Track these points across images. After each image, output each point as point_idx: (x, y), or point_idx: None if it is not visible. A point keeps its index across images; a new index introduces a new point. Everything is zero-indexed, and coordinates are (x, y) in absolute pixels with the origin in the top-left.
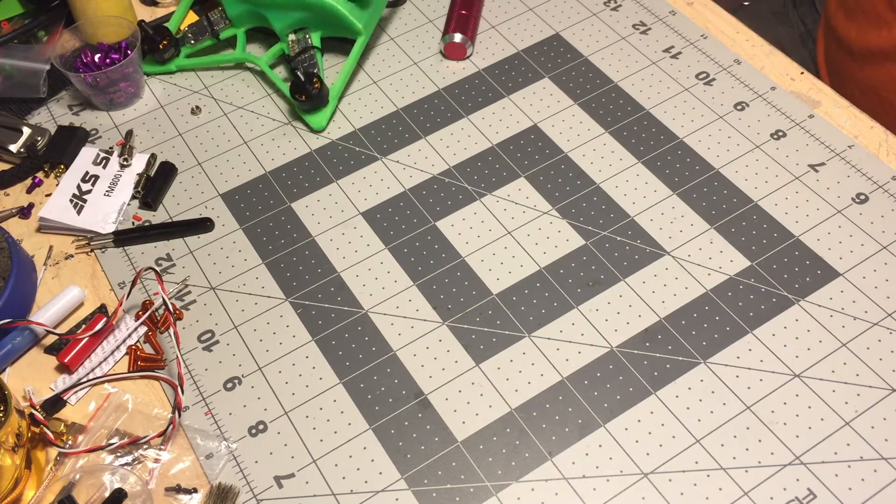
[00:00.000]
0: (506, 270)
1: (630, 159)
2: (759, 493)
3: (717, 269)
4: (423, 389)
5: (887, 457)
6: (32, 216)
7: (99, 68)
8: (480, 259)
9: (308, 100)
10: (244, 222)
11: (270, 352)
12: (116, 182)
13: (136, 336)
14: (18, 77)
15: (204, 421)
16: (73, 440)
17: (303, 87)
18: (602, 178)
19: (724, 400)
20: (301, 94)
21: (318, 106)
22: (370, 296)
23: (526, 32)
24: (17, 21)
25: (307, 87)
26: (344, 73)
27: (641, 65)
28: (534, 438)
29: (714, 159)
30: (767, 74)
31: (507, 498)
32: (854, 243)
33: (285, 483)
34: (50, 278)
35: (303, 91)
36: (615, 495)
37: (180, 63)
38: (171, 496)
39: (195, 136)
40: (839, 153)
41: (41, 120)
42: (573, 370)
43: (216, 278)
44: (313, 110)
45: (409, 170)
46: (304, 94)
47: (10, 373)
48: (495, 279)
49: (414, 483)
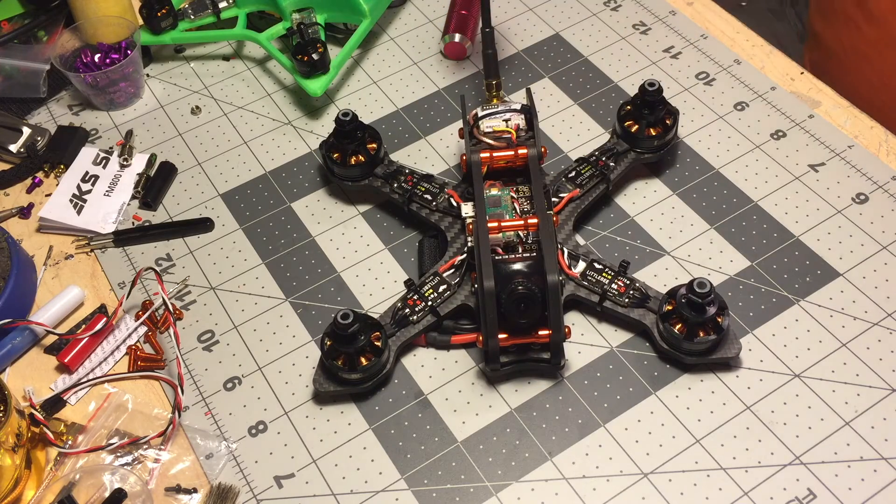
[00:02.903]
0: None
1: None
2: (759, 493)
3: (717, 269)
4: (423, 389)
5: (887, 457)
6: (32, 216)
7: (99, 68)
8: None
9: (309, 62)
10: (244, 222)
11: (270, 352)
12: (116, 182)
13: (136, 336)
14: (18, 77)
15: (204, 421)
16: (73, 440)
17: (305, 48)
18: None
19: (724, 400)
20: (302, 56)
21: (317, 70)
22: (370, 296)
23: (526, 32)
24: (17, 21)
25: (309, 49)
26: (346, 49)
27: (641, 65)
28: (534, 438)
29: (714, 159)
30: (767, 74)
31: (507, 498)
32: (854, 243)
33: (285, 483)
34: (50, 278)
35: (304, 52)
36: (615, 495)
37: (176, 36)
38: (171, 496)
39: (195, 136)
40: (839, 153)
41: (41, 120)
42: (573, 370)
43: (216, 278)
44: (313, 75)
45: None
46: (306, 56)
47: (10, 373)
48: None
49: (414, 483)
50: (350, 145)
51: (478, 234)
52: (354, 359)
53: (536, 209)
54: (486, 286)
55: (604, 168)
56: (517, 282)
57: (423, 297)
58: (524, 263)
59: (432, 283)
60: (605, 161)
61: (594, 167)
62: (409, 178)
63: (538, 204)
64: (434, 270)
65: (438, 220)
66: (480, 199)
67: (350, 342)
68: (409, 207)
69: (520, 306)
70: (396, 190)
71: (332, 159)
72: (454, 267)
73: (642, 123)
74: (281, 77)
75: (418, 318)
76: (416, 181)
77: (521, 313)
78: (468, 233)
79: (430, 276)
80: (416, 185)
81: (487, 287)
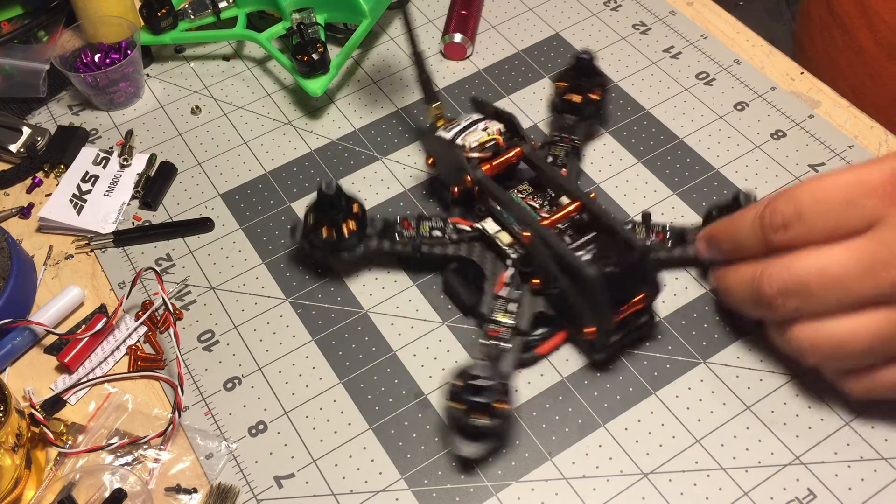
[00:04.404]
0: None
1: (630, 159)
2: (759, 492)
3: None
4: (423, 389)
5: (887, 457)
6: (32, 216)
7: (99, 68)
8: None
9: (309, 62)
10: (244, 222)
11: (270, 352)
12: (116, 182)
13: (136, 336)
14: (18, 77)
15: (204, 421)
16: (73, 440)
17: (305, 48)
18: (602, 177)
19: (724, 400)
20: (302, 56)
21: (317, 70)
22: (370, 296)
23: (526, 32)
24: (17, 21)
25: (309, 49)
26: (346, 49)
27: (641, 65)
28: (534, 438)
29: (714, 159)
30: (767, 74)
31: (507, 498)
32: None
33: (285, 483)
34: (50, 278)
35: (304, 52)
36: (615, 495)
37: (176, 36)
38: (171, 496)
39: (195, 136)
40: (839, 153)
41: (41, 120)
42: (573, 370)
43: (216, 278)
44: (313, 75)
45: (409, 170)
46: (306, 56)
47: (10, 373)
48: None
49: (414, 483)
50: (338, 215)
51: (538, 235)
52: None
53: (572, 191)
54: (588, 273)
55: (572, 143)
56: (603, 262)
57: (502, 325)
58: (593, 245)
59: (501, 308)
60: (570, 138)
61: (565, 145)
62: (405, 224)
63: (571, 187)
64: (491, 295)
65: (455, 250)
66: (511, 203)
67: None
68: (420, 253)
69: (619, 281)
70: (399, 242)
71: (320, 237)
72: (506, 284)
73: (583, 92)
74: (281, 77)
75: (511, 343)
76: (416, 223)
77: (623, 287)
78: (504, 245)
79: (491, 303)
80: (419, 228)
81: (589, 273)
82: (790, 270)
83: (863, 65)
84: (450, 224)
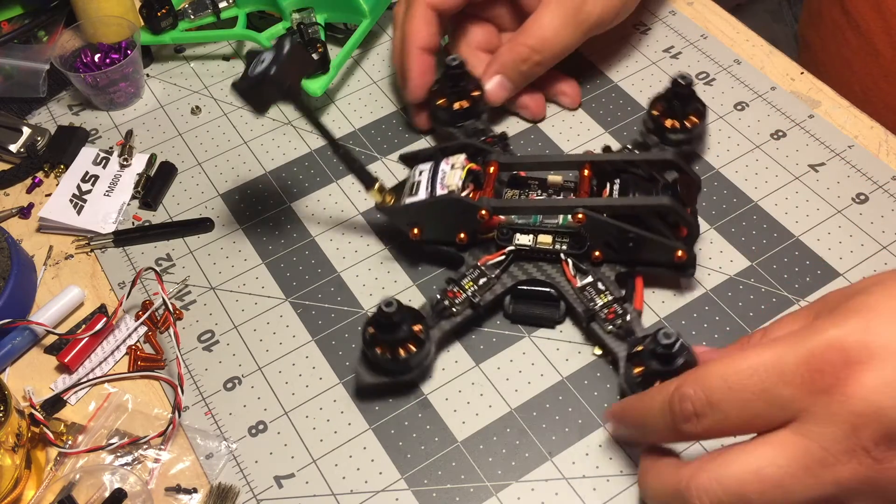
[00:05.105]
0: None
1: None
2: None
3: (717, 269)
4: (423, 389)
5: None
6: (32, 216)
7: (99, 68)
8: None
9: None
10: (244, 222)
11: (270, 352)
12: (116, 182)
13: (136, 336)
14: (18, 77)
15: (204, 421)
16: (73, 440)
17: (305, 48)
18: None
19: None
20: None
21: (317, 70)
22: (370, 296)
23: None
24: (17, 21)
25: (309, 49)
26: (346, 49)
27: (641, 65)
28: (534, 438)
29: (714, 159)
30: (767, 74)
31: (507, 498)
32: (854, 243)
33: (285, 483)
34: (50, 278)
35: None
36: (615, 495)
37: (176, 36)
38: (171, 496)
39: (195, 136)
40: (839, 153)
41: (41, 120)
42: (573, 370)
43: (216, 278)
44: (313, 75)
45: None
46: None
47: (10, 373)
48: None
49: (414, 483)
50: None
51: (587, 209)
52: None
53: (571, 160)
54: (666, 203)
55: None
56: (655, 189)
57: (463, 291)
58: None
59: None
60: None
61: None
62: (450, 294)
63: (563, 158)
64: (473, 264)
65: (508, 281)
66: (534, 205)
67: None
68: (481, 307)
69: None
70: (459, 313)
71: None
72: (573, 276)
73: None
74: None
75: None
76: (458, 287)
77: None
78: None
79: (469, 268)
80: (464, 288)
81: (666, 203)
82: (722, 483)
83: (878, 67)
84: (483, 266)
